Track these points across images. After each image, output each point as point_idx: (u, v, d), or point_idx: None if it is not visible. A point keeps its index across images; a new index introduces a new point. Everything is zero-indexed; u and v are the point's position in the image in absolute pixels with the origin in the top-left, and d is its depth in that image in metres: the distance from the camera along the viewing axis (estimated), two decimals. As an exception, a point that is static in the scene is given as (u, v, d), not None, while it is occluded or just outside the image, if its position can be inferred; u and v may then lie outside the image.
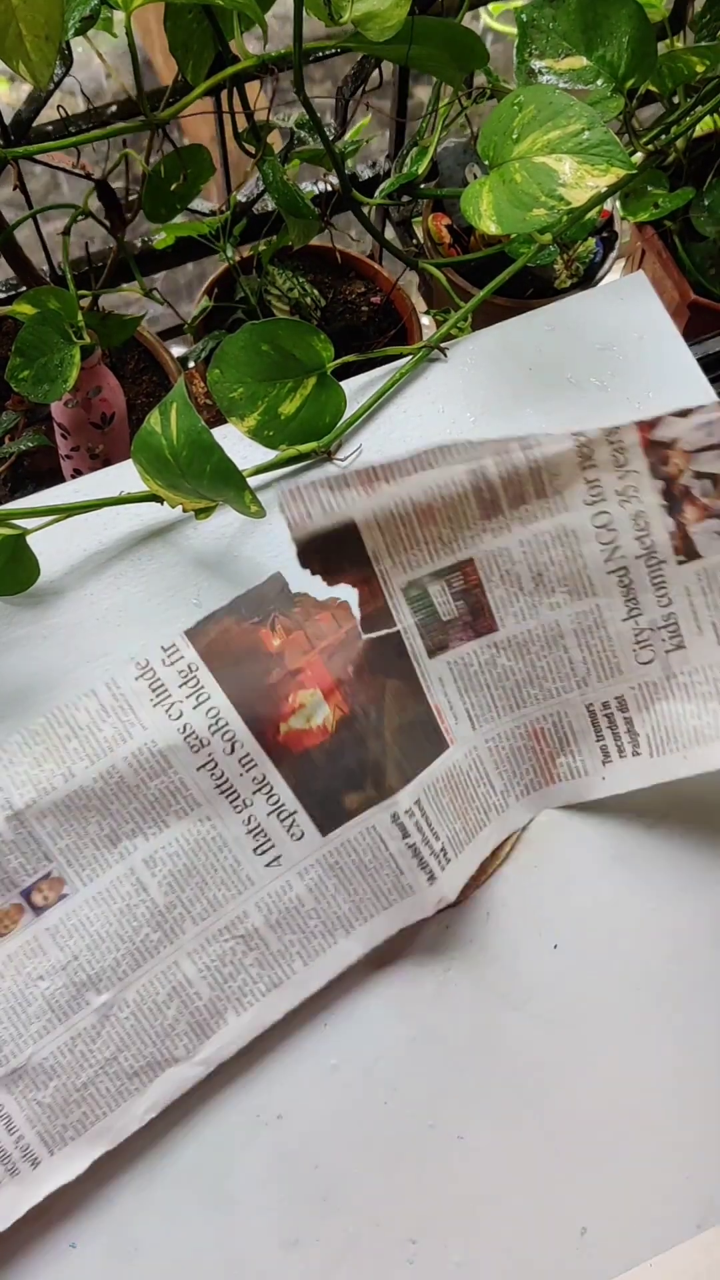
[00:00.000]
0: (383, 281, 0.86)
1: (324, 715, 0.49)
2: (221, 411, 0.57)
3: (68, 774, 0.48)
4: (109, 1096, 0.48)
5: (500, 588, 0.50)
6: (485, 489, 0.49)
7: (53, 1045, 0.47)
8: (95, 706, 0.48)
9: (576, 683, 0.51)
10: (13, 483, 0.81)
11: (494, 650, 0.51)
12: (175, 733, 0.48)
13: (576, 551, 0.50)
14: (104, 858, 0.48)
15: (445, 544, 0.49)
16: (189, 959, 0.48)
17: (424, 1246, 0.48)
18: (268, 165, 0.61)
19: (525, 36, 0.62)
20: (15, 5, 0.46)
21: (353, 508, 0.48)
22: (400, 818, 0.49)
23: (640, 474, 0.49)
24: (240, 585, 0.56)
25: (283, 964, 0.49)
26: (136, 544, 0.57)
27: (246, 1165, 0.48)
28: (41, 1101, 0.47)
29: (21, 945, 0.48)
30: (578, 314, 0.63)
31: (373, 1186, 0.48)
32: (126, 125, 0.59)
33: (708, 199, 0.80)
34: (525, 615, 0.50)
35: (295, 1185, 0.48)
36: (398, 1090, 0.50)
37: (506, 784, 0.51)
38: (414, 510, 0.49)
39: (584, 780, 0.52)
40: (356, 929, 0.49)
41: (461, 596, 0.50)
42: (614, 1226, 0.48)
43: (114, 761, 0.48)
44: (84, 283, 0.75)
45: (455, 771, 0.51)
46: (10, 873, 0.48)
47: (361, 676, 0.50)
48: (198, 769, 0.48)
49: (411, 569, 0.50)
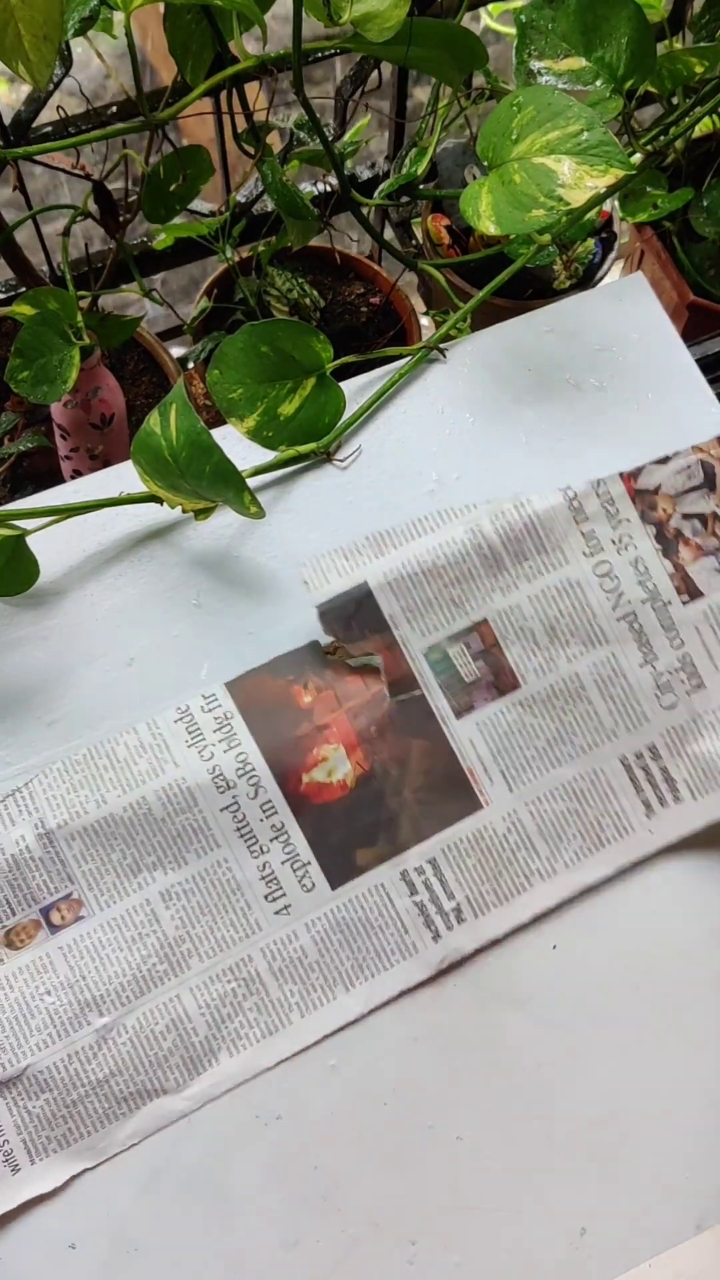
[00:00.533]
0: (382, 282, 0.86)
1: (345, 771, 0.51)
2: (221, 412, 0.57)
3: (100, 800, 0.50)
4: (96, 1117, 0.48)
5: (517, 645, 0.52)
6: (486, 547, 0.51)
7: (50, 1059, 0.48)
8: (135, 742, 0.51)
9: (606, 735, 0.52)
10: (12, 483, 0.81)
11: (520, 709, 0.52)
12: (205, 772, 0.50)
13: (584, 602, 0.52)
14: (123, 885, 0.50)
15: (458, 605, 0.52)
16: (191, 994, 0.49)
17: (424, 1247, 0.48)
18: (267, 166, 0.61)
19: (524, 37, 0.62)
20: (14, 5, 0.46)
21: (366, 571, 0.52)
22: (409, 874, 0.50)
23: (632, 522, 0.52)
24: (240, 586, 0.56)
25: (280, 1012, 0.50)
26: (136, 545, 0.57)
27: (246, 1165, 0.48)
28: (32, 1111, 0.48)
29: (34, 959, 0.49)
30: (577, 315, 0.63)
31: (373, 1187, 0.48)
32: (126, 126, 0.59)
33: (706, 200, 0.80)
34: (545, 670, 0.52)
35: (295, 1186, 0.48)
36: (397, 1090, 0.50)
37: (552, 849, 0.51)
38: (422, 571, 0.52)
39: (632, 838, 0.52)
40: (357, 987, 0.50)
41: (481, 656, 0.52)
42: (614, 1226, 0.48)
43: (145, 793, 0.50)
44: (83, 283, 0.75)
45: (487, 834, 0.51)
46: (33, 889, 0.49)
47: (386, 736, 0.51)
48: (221, 809, 0.50)
49: (429, 633, 0.52)
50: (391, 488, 0.59)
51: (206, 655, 0.55)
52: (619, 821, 0.52)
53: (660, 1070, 0.50)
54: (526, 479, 0.59)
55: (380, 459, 0.59)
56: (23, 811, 0.51)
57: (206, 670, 0.54)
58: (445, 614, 0.52)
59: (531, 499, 0.52)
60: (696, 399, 0.61)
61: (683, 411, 0.60)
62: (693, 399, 0.61)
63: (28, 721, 0.53)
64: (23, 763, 0.52)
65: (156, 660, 0.55)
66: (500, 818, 0.51)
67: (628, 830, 0.52)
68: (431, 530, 0.52)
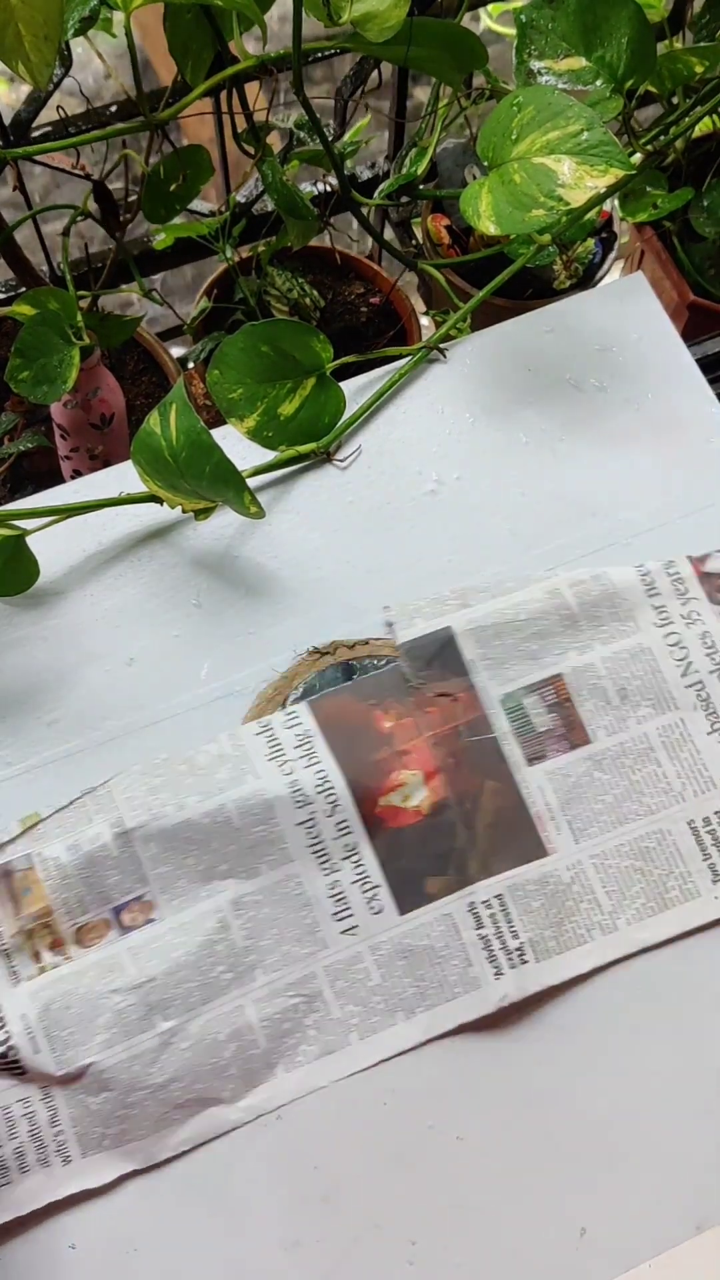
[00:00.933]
0: (382, 282, 0.86)
1: (421, 797, 0.52)
2: (221, 412, 0.57)
3: (180, 805, 0.50)
4: (151, 1121, 0.48)
5: (589, 701, 0.53)
6: (564, 609, 0.54)
7: (113, 1059, 0.48)
8: (216, 751, 0.51)
9: (674, 798, 0.52)
10: (12, 483, 0.81)
11: (590, 763, 0.53)
12: (284, 786, 0.50)
13: (655, 667, 0.54)
14: (195, 891, 0.50)
15: (534, 659, 0.54)
16: (254, 1006, 0.49)
17: (424, 1247, 0.48)
18: (267, 166, 0.61)
19: (524, 37, 0.62)
20: (14, 5, 0.46)
21: (450, 618, 0.54)
22: (476, 907, 0.50)
23: (700, 600, 0.54)
24: (240, 586, 0.56)
25: (340, 1033, 0.50)
26: (136, 545, 0.57)
27: (247, 1166, 0.48)
28: (89, 1107, 0.48)
29: (103, 958, 0.49)
30: (577, 315, 0.63)
31: (373, 1187, 0.48)
32: (126, 126, 0.59)
33: (707, 199, 0.80)
34: (615, 729, 0.53)
35: (295, 1186, 0.48)
36: (397, 1091, 0.50)
37: (615, 905, 0.51)
38: (503, 623, 0.54)
39: (697, 903, 0.52)
40: (418, 1015, 0.50)
41: (554, 709, 0.53)
42: (614, 1227, 0.48)
43: (224, 801, 0.50)
44: (83, 283, 0.75)
45: (552, 881, 0.51)
46: (108, 888, 0.50)
47: (461, 770, 0.52)
48: (297, 824, 0.50)
49: (506, 682, 0.53)
50: (391, 488, 0.59)
51: (206, 655, 0.55)
52: (684, 884, 0.52)
53: (660, 1071, 0.50)
54: (526, 479, 0.59)
55: (380, 459, 0.60)
56: (101, 809, 0.51)
57: (206, 670, 0.55)
58: (522, 665, 0.53)
59: (608, 572, 0.55)
60: (696, 399, 0.61)
61: (683, 411, 0.60)
62: (693, 399, 0.61)
63: (28, 721, 0.53)
64: (23, 763, 0.53)
65: (156, 660, 0.55)
66: (565, 867, 0.51)
67: (692, 895, 0.51)
68: (514, 590, 0.54)
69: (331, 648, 0.55)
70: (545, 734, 0.53)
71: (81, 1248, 0.48)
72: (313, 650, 0.55)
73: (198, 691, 0.54)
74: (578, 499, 0.58)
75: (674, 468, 0.59)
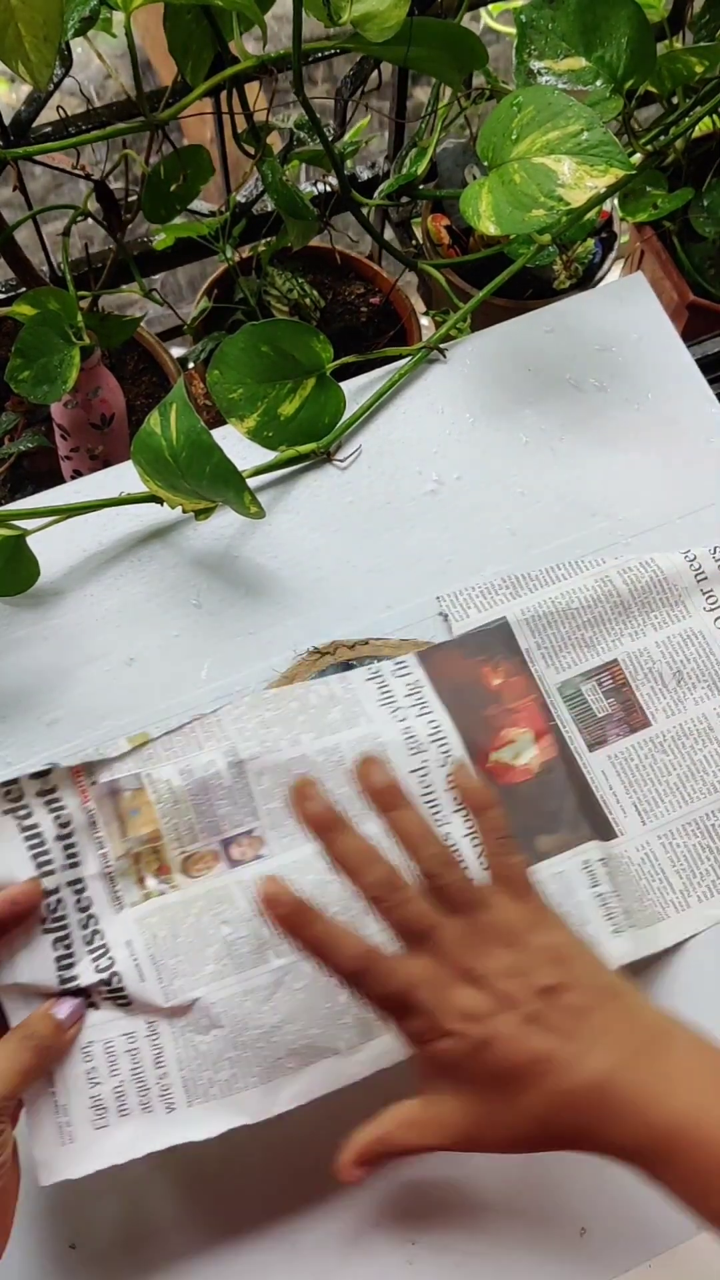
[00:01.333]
0: (382, 282, 0.86)
1: (531, 755, 0.52)
2: (221, 412, 0.57)
3: (294, 740, 0.49)
4: (263, 1068, 0.46)
5: (646, 685, 0.54)
6: (615, 596, 0.55)
7: (223, 993, 0.46)
8: (326, 692, 0.51)
9: None
10: (12, 483, 0.81)
11: (651, 745, 0.53)
12: (398, 732, 0.50)
13: (707, 650, 0.55)
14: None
15: (589, 645, 0.54)
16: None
17: (424, 1247, 0.48)
18: (267, 166, 0.61)
19: (524, 37, 0.62)
20: (14, 5, 0.46)
21: (504, 608, 0.55)
22: (592, 865, 0.50)
23: None
24: (240, 586, 0.56)
25: None
26: (136, 545, 0.57)
27: (246, 1165, 0.48)
28: (198, 1048, 0.46)
29: (212, 889, 0.47)
30: (577, 315, 0.63)
31: (373, 1187, 0.48)
32: (126, 126, 0.59)
33: (706, 199, 0.80)
34: (674, 710, 0.54)
35: (295, 1186, 0.48)
36: (398, 1090, 0.49)
37: (687, 883, 0.51)
38: (556, 612, 0.54)
39: None
40: None
41: (613, 694, 0.54)
42: (614, 1227, 0.48)
43: (339, 741, 0.49)
44: (84, 283, 0.75)
45: (624, 861, 0.51)
46: (218, 819, 0.48)
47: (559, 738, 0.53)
48: (410, 771, 0.49)
49: (564, 670, 0.54)
50: (391, 488, 0.59)
51: (206, 655, 0.55)
52: None
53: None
54: (526, 479, 0.59)
55: (380, 459, 0.60)
56: (211, 736, 0.49)
57: (206, 670, 0.55)
58: (578, 653, 0.54)
59: (655, 558, 0.55)
60: (696, 399, 0.61)
61: (683, 411, 0.60)
62: (693, 399, 0.61)
63: (28, 721, 0.53)
64: (23, 763, 0.52)
65: (156, 660, 0.55)
66: (635, 848, 0.52)
67: None
68: (564, 578, 0.55)
69: (331, 648, 0.55)
70: (605, 719, 0.53)
71: (81, 1248, 0.48)
72: (313, 650, 0.55)
73: (198, 691, 0.54)
74: (578, 499, 0.58)
75: (674, 467, 0.59)
